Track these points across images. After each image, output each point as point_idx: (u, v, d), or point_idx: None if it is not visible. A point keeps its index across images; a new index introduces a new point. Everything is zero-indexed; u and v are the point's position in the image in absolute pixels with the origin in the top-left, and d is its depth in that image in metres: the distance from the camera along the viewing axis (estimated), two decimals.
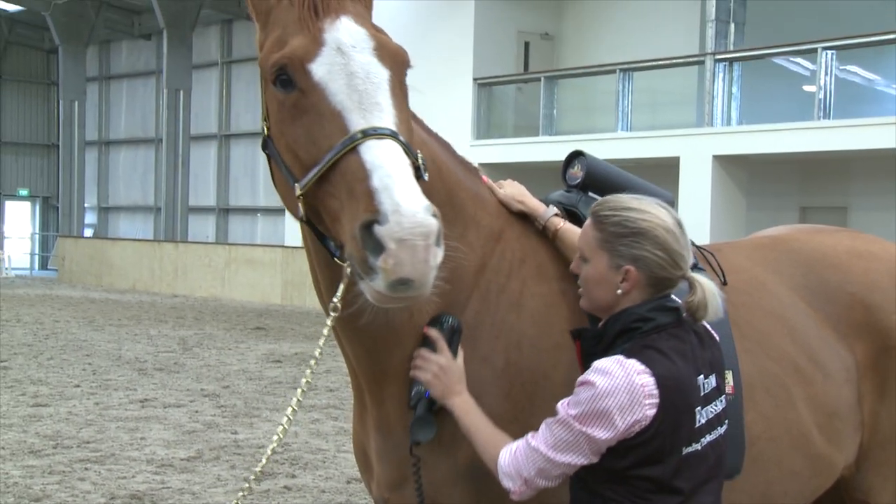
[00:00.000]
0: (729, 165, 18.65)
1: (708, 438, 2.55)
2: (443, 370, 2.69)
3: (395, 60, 2.48)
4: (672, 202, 3.21)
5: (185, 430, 9.42)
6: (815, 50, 17.62)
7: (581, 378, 2.50)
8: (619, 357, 2.47)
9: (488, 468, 2.61)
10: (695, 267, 3.14)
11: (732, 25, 19.35)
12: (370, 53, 2.45)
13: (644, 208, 2.61)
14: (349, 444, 9.07)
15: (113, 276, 30.93)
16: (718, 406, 2.61)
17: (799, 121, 17.77)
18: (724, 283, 3.24)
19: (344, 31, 2.46)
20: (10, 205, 42.98)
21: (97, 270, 31.87)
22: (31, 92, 42.95)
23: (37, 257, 41.13)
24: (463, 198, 2.89)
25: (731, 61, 18.92)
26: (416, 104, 3.06)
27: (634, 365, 2.45)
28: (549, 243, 2.98)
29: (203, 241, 32.40)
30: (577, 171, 3.17)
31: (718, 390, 2.62)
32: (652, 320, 2.55)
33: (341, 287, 2.47)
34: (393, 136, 2.34)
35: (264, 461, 2.84)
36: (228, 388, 11.96)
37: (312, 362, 2.68)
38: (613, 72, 20.55)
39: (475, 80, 22.88)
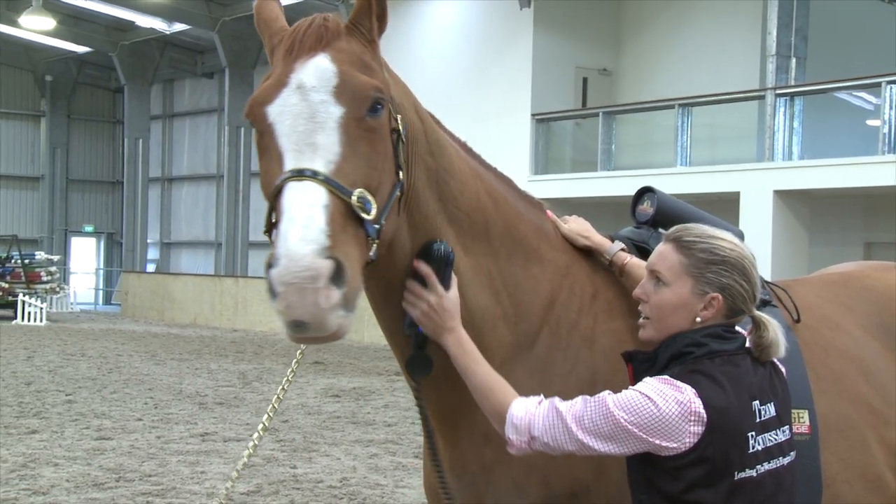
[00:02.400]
0: (790, 200, 18.42)
1: (766, 466, 2.51)
2: (433, 308, 2.61)
3: (356, 96, 2.43)
4: (742, 238, 3.19)
5: (245, 465, 9.45)
6: (878, 84, 17.40)
7: (636, 386, 2.48)
8: (667, 377, 2.47)
9: (483, 409, 2.57)
10: (767, 304, 3.10)
11: (794, 60, 19.18)
12: (326, 92, 2.42)
13: (729, 238, 2.61)
14: (407, 479, 9.06)
15: (174, 311, 31.33)
16: (780, 436, 2.57)
17: (862, 155, 17.52)
18: (797, 321, 3.20)
19: (309, 71, 2.45)
20: (75, 241, 43.83)
21: (159, 305, 32.30)
22: (98, 130, 43.88)
23: (101, 292, 41.85)
24: (524, 230, 2.89)
25: (792, 96, 18.74)
26: (473, 139, 3.08)
27: (684, 386, 2.44)
28: (617, 280, 2.96)
29: (263, 276, 32.63)
30: (647, 208, 3.14)
31: (780, 420, 2.58)
32: (705, 346, 2.52)
33: None
34: (313, 176, 2.33)
35: (242, 463, 2.88)
36: (287, 422, 12.01)
37: (288, 378, 2.80)
38: (672, 107, 20.46)
39: (533, 115, 22.92)
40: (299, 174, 2.34)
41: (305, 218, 2.27)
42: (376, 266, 2.49)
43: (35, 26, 34.51)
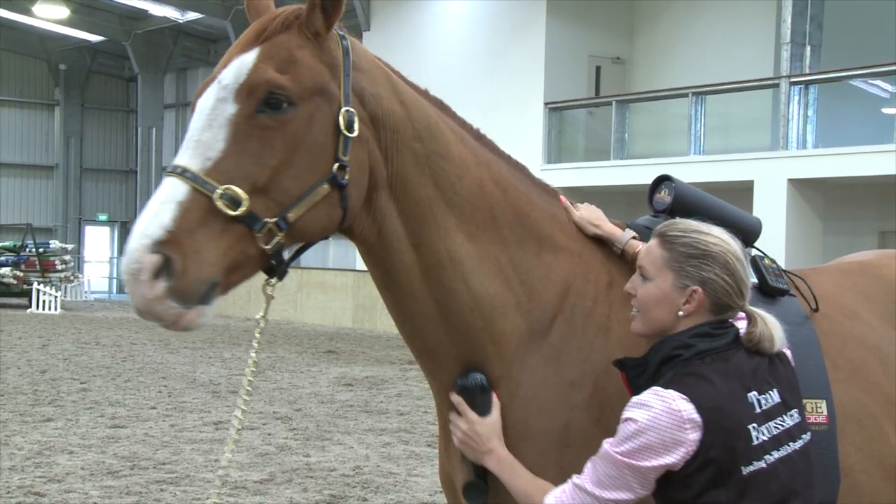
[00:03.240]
0: (804, 189, 18.35)
1: (776, 455, 2.50)
2: (467, 434, 2.72)
3: (250, 94, 2.49)
4: (760, 228, 3.16)
5: (259, 453, 9.51)
6: (894, 72, 17.30)
7: (623, 415, 2.50)
8: (657, 388, 2.48)
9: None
10: (785, 293, 3.09)
11: (808, 48, 19.07)
12: (230, 90, 2.50)
13: (714, 233, 2.61)
14: (420, 467, 9.08)
15: None
16: (787, 421, 2.56)
17: (877, 144, 17.42)
18: (816, 310, 3.18)
19: (232, 67, 2.54)
20: (89, 230, 43.98)
21: None
22: (112, 119, 43.97)
23: (115, 281, 41.97)
24: (536, 218, 2.89)
25: (806, 84, 18.64)
26: (486, 127, 3.07)
27: (671, 393, 2.45)
28: (626, 263, 2.96)
29: None
30: (664, 196, 3.12)
31: (785, 405, 2.57)
32: (692, 347, 2.53)
33: (265, 306, 2.69)
34: (181, 173, 2.44)
35: (228, 454, 3.01)
36: (300, 411, 12.05)
37: (251, 361, 2.83)
38: (686, 95, 20.37)
39: (546, 104, 22.87)
40: (173, 170, 2.46)
41: (152, 214, 2.40)
42: (370, 254, 2.70)
43: (49, 15, 34.62)
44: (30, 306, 28.95)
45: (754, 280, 3.05)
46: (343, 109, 2.58)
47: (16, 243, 31.53)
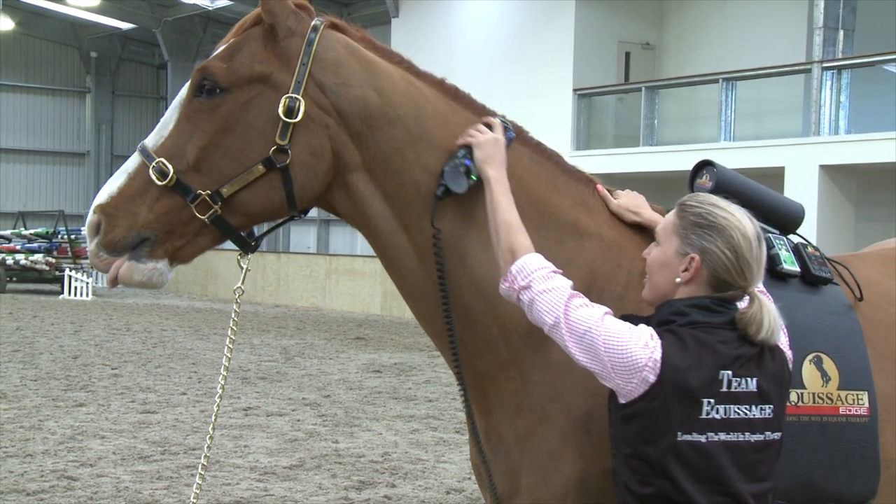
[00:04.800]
0: (836, 175, 18.16)
1: (721, 437, 2.48)
2: (492, 142, 2.79)
3: (192, 80, 2.81)
4: (803, 214, 3.12)
5: (288, 439, 9.56)
6: None
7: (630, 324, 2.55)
8: (651, 328, 2.54)
9: (496, 241, 2.67)
10: (829, 282, 3.04)
11: (841, 32, 18.84)
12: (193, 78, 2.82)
13: (729, 209, 2.60)
14: (448, 454, 9.10)
15: (217, 286, 31.62)
16: (754, 412, 2.53)
17: None
18: (860, 299, 3.13)
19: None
20: None
21: (202, 280, 32.62)
22: (142, 106, 44.22)
23: None
24: (557, 204, 2.90)
25: (839, 69, 18.43)
26: (515, 114, 3.06)
27: (657, 338, 2.50)
28: None
29: (304, 251, 32.89)
30: (705, 182, 3.10)
31: (760, 397, 2.53)
32: (687, 315, 2.54)
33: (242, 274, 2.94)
34: (140, 149, 2.79)
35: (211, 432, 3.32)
36: (329, 397, 12.10)
37: (229, 331, 3.05)
38: (716, 81, 20.20)
39: (575, 90, 22.76)
40: (139, 146, 2.82)
41: (109, 181, 2.80)
42: (365, 235, 2.89)
43: (80, 3, 34.81)
44: (62, 292, 29.23)
45: (796, 269, 3.01)
46: (285, 97, 2.73)
47: (48, 230, 31.82)
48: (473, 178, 2.78)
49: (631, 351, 2.47)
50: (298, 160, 2.75)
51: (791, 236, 3.15)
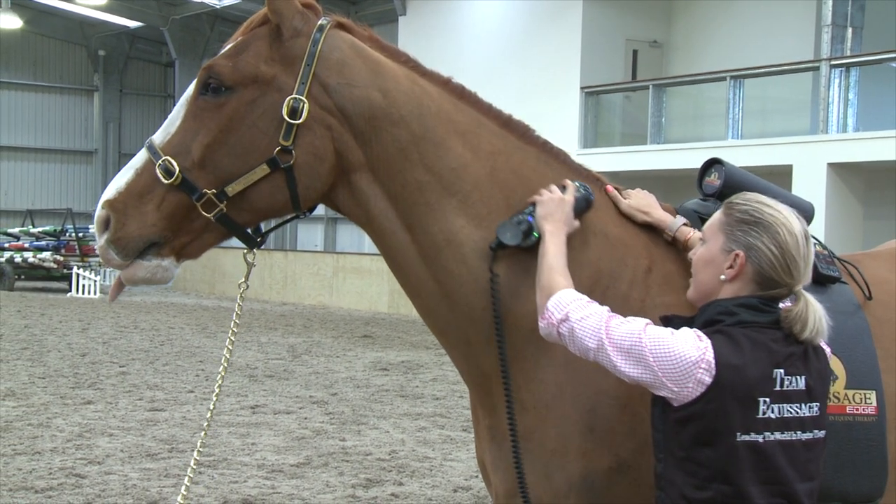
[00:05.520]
0: (845, 173, 18.11)
1: (777, 436, 2.47)
2: (557, 202, 2.78)
3: (198, 78, 2.81)
4: (812, 212, 3.11)
5: (295, 437, 9.57)
6: None
7: (670, 328, 2.52)
8: (696, 329, 2.51)
9: (538, 282, 2.66)
10: (837, 280, 3.03)
11: (850, 30, 18.78)
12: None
13: (776, 207, 2.58)
14: (455, 452, 9.10)
15: (225, 284, 31.67)
16: (804, 410, 2.52)
17: None
18: (869, 298, 3.11)
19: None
20: None
21: (210, 278, 32.66)
22: (150, 104, 44.28)
23: None
24: None
25: (847, 66, 18.38)
26: (522, 112, 3.06)
27: (705, 338, 2.47)
28: (679, 253, 2.94)
29: (312, 249, 32.91)
30: (714, 180, 3.09)
31: (809, 395, 2.53)
32: (736, 315, 2.52)
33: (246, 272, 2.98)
34: (148, 146, 2.80)
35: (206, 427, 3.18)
36: (336, 395, 12.11)
37: (232, 324, 3.14)
38: (724, 79, 20.16)
39: (582, 88, 22.74)
40: (147, 141, 2.82)
41: (117, 176, 2.81)
42: (370, 234, 2.89)
43: (89, 1, 34.86)
44: (70, 290, 29.29)
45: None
46: (289, 98, 2.73)
47: (56, 228, 31.88)
48: (535, 235, 2.77)
49: (680, 354, 2.44)
50: (302, 161, 2.76)
51: None
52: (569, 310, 2.56)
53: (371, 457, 8.84)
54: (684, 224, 2.94)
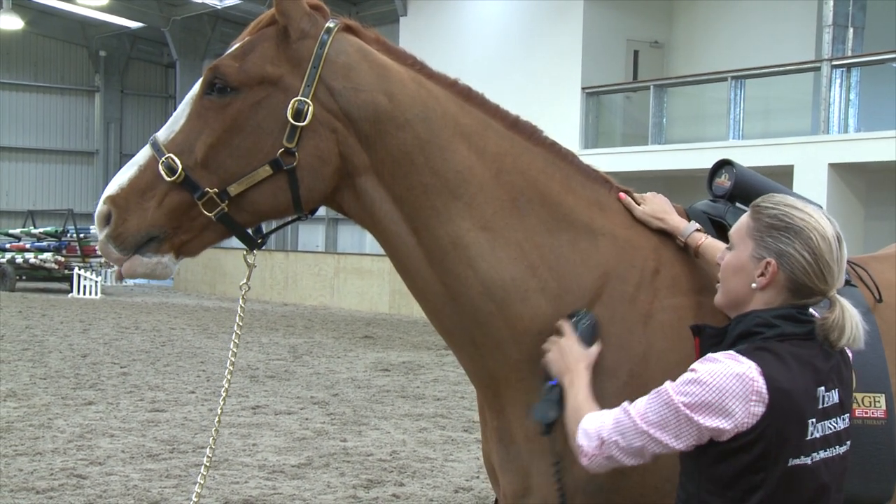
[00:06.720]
0: (846, 174, 18.10)
1: (821, 455, 2.41)
2: (561, 350, 2.69)
3: (204, 77, 2.81)
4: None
5: (296, 437, 9.57)
6: None
7: (693, 365, 2.40)
8: (734, 353, 2.38)
9: (567, 430, 2.56)
10: (846, 283, 2.97)
11: (851, 30, 18.77)
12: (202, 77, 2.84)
13: (807, 210, 2.50)
14: (457, 452, 9.10)
15: (226, 285, 31.67)
16: (839, 424, 2.46)
17: None
18: (880, 301, 3.08)
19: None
20: None
21: (210, 279, 32.67)
22: (151, 105, 44.30)
23: None
24: (571, 205, 2.88)
25: (849, 67, 18.37)
26: (523, 112, 3.05)
27: (747, 361, 2.35)
28: (688, 256, 2.91)
29: (313, 250, 32.91)
30: (724, 181, 3.06)
31: (842, 407, 2.48)
32: (776, 327, 2.42)
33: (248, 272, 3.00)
34: (152, 142, 2.80)
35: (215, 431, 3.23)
36: (337, 395, 12.10)
37: (235, 327, 3.19)
38: (725, 79, 20.16)
39: (583, 88, 22.73)
40: (151, 138, 2.83)
41: (120, 172, 2.81)
42: (376, 237, 2.88)
43: (90, 2, 34.87)
44: (71, 291, 29.30)
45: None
46: (294, 100, 2.73)
47: (57, 229, 31.88)
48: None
49: (712, 387, 2.33)
50: (305, 163, 2.75)
51: None
52: (599, 432, 2.45)
53: (372, 457, 8.84)
54: (697, 230, 2.91)
